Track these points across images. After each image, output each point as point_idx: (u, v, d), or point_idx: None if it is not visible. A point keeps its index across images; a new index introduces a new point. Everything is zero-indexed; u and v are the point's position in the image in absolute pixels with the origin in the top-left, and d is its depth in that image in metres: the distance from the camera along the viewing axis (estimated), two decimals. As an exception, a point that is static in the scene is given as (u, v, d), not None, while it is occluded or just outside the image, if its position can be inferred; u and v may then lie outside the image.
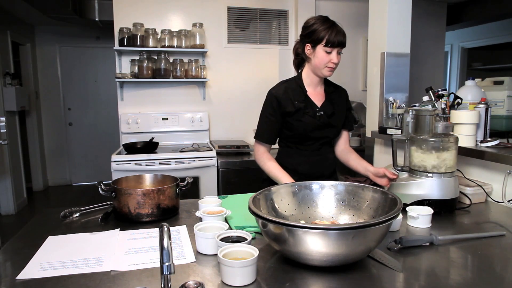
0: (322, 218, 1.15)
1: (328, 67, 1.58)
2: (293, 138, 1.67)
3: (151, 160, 2.89)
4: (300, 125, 1.63)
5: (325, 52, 1.55)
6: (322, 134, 1.67)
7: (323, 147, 1.71)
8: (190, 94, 3.63)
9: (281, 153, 1.75)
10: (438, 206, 1.34)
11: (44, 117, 5.50)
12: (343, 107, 1.74)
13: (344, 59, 3.93)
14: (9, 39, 4.50)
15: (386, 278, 0.89)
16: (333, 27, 1.54)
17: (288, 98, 1.63)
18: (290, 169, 1.68)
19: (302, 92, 1.65)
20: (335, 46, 1.54)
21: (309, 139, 1.66)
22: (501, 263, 0.99)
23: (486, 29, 4.96)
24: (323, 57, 1.56)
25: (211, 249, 1.01)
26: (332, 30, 1.54)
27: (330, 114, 1.67)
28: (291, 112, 1.62)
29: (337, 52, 1.56)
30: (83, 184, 5.77)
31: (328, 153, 1.74)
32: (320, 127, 1.65)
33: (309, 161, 1.68)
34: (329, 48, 1.54)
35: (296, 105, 1.62)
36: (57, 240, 1.12)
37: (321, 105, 1.66)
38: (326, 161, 1.72)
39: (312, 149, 1.68)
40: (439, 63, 3.85)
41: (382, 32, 2.35)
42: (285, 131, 1.67)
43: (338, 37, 1.54)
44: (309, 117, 1.63)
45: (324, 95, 1.69)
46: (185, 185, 1.42)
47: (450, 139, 1.36)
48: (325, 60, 1.57)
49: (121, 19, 3.38)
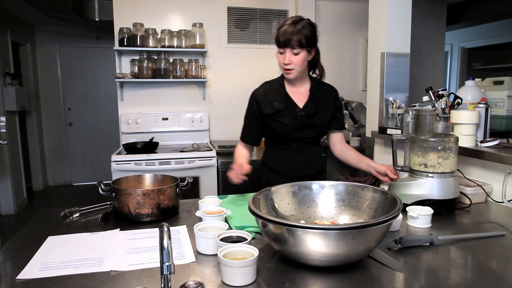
0: (322, 218, 1.15)
1: (284, 69, 1.55)
2: (275, 138, 1.66)
3: (151, 160, 2.89)
4: (279, 126, 1.61)
5: (279, 53, 1.53)
6: (304, 135, 1.64)
7: (306, 147, 1.67)
8: (190, 94, 3.63)
9: (265, 153, 1.75)
10: (438, 206, 1.34)
11: (44, 117, 5.50)
12: (329, 106, 1.69)
13: (344, 59, 3.97)
14: (9, 39, 4.50)
15: (386, 278, 0.89)
16: (285, 26, 1.49)
17: (267, 100, 1.61)
18: (273, 168, 1.68)
19: (282, 92, 1.63)
20: (281, 46, 1.50)
21: (291, 140, 1.64)
22: (501, 263, 0.99)
23: (486, 29, 4.96)
24: (278, 58, 1.55)
25: (211, 249, 1.01)
26: (282, 29, 1.49)
27: (311, 114, 1.63)
28: (269, 114, 1.60)
29: (290, 52, 1.50)
30: (83, 184, 5.77)
31: (313, 152, 1.70)
32: (301, 128, 1.62)
33: (292, 161, 1.66)
34: (280, 48, 1.51)
35: (275, 106, 1.60)
36: (57, 240, 1.12)
37: (303, 105, 1.63)
38: (310, 161, 1.69)
39: (295, 149, 1.66)
40: (439, 63, 3.84)
41: (382, 32, 2.35)
42: (267, 132, 1.67)
43: (284, 36, 1.48)
44: (289, 118, 1.60)
45: (308, 95, 1.65)
46: (185, 185, 1.42)
47: (450, 139, 1.36)
48: (279, 61, 1.55)
49: (121, 19, 3.38)
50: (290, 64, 1.52)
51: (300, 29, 1.48)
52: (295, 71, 1.54)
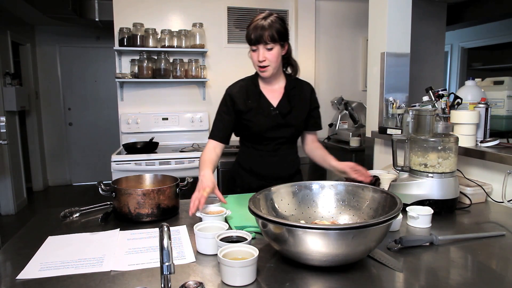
0: (322, 218, 1.15)
1: (258, 66, 1.50)
2: (249, 138, 1.63)
3: (151, 160, 2.88)
4: (253, 125, 1.57)
5: (252, 50, 1.48)
6: (278, 134, 1.59)
7: (281, 148, 1.62)
8: (190, 94, 3.63)
9: (240, 153, 1.71)
10: (438, 206, 1.34)
11: (44, 117, 5.50)
12: (304, 104, 1.63)
13: (344, 59, 3.98)
14: (9, 39, 4.50)
15: (386, 278, 0.89)
16: (255, 22, 1.44)
17: (242, 97, 1.57)
18: (246, 169, 1.65)
19: (256, 90, 1.58)
20: (253, 43, 1.45)
21: (265, 139, 1.60)
22: (501, 263, 0.99)
23: (486, 29, 4.96)
24: (251, 56, 1.50)
25: (211, 249, 1.01)
26: (252, 26, 1.44)
27: (286, 112, 1.58)
28: (243, 111, 1.56)
29: (263, 49, 1.46)
30: (83, 184, 5.77)
31: (287, 154, 1.65)
32: (275, 127, 1.58)
33: (266, 161, 1.62)
34: (252, 46, 1.47)
35: (248, 104, 1.56)
36: (57, 240, 1.12)
37: (277, 104, 1.58)
38: (284, 163, 1.64)
39: (269, 149, 1.61)
40: (439, 63, 3.84)
41: (382, 32, 2.35)
42: (241, 131, 1.63)
43: (254, 33, 1.43)
44: (262, 117, 1.56)
45: (283, 92, 1.60)
46: (185, 185, 1.42)
47: (450, 139, 1.36)
48: (252, 60, 1.50)
49: (121, 19, 3.38)
50: (265, 60, 1.47)
51: (271, 24, 1.43)
52: (270, 68, 1.49)
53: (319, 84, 3.89)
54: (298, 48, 3.73)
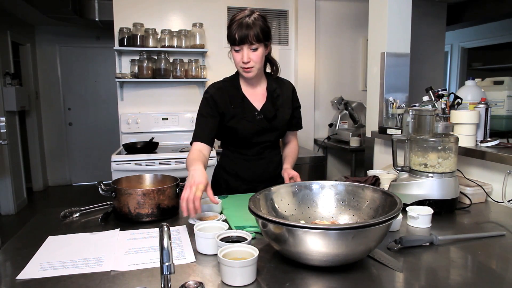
0: (322, 218, 1.15)
1: (242, 68, 1.43)
2: (233, 142, 1.57)
3: (151, 160, 2.89)
4: (237, 131, 1.51)
5: (234, 51, 1.41)
6: (263, 139, 1.55)
7: (266, 151, 1.59)
8: (190, 94, 3.63)
9: (222, 157, 1.65)
10: (438, 206, 1.34)
11: (44, 117, 5.50)
12: (287, 106, 1.58)
13: (344, 59, 3.98)
14: (9, 39, 4.50)
15: (386, 278, 0.89)
16: (237, 21, 1.36)
17: (224, 101, 1.49)
18: (231, 173, 1.60)
19: (238, 94, 1.51)
20: (238, 43, 1.37)
21: (249, 144, 1.55)
22: (501, 263, 0.99)
23: (486, 29, 4.97)
24: (234, 57, 1.42)
25: (211, 249, 1.01)
26: (234, 26, 1.36)
27: (271, 117, 1.52)
28: (226, 117, 1.49)
29: (248, 49, 1.38)
30: (83, 184, 5.77)
31: (272, 156, 1.62)
32: (260, 132, 1.53)
33: (251, 165, 1.58)
34: (236, 46, 1.39)
35: (232, 109, 1.49)
36: (57, 240, 1.12)
37: (261, 108, 1.52)
38: (270, 165, 1.61)
39: (254, 153, 1.57)
40: (439, 63, 3.85)
41: (382, 32, 2.35)
42: (224, 136, 1.57)
43: (239, 32, 1.35)
44: (247, 122, 1.50)
45: (266, 95, 1.54)
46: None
47: (450, 139, 1.36)
48: (236, 61, 1.42)
49: (121, 19, 3.38)
50: (250, 62, 1.40)
51: (255, 22, 1.36)
52: (255, 69, 1.43)
53: (319, 84, 3.89)
54: (298, 48, 3.73)
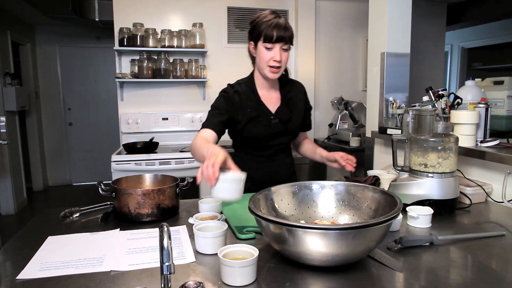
0: (322, 218, 1.15)
1: (270, 67, 1.42)
2: (246, 145, 1.58)
3: (151, 160, 2.89)
4: (252, 134, 1.51)
5: (265, 48, 1.40)
6: (277, 142, 1.56)
7: (279, 153, 1.60)
8: (190, 94, 3.63)
9: (235, 159, 1.61)
10: (438, 206, 1.34)
11: (44, 117, 5.50)
12: (301, 107, 1.60)
13: (344, 59, 3.98)
14: (9, 39, 4.50)
15: (386, 278, 0.89)
16: (272, 20, 1.38)
17: (241, 104, 1.49)
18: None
19: (254, 97, 1.51)
20: (273, 41, 1.38)
21: (264, 147, 1.56)
22: (501, 263, 0.99)
23: (486, 29, 4.97)
24: (264, 55, 1.41)
25: (211, 249, 1.01)
26: (271, 23, 1.37)
27: (286, 120, 1.53)
28: (242, 121, 1.49)
29: (280, 48, 1.40)
30: (83, 184, 5.77)
31: (285, 158, 1.63)
32: (274, 136, 1.53)
33: (264, 167, 1.58)
34: (269, 44, 1.38)
35: (248, 113, 1.48)
36: (57, 240, 1.12)
37: (276, 111, 1.53)
38: (283, 167, 1.62)
39: (267, 155, 1.58)
40: (439, 63, 3.85)
41: (382, 32, 2.35)
42: (238, 138, 1.58)
43: (277, 31, 1.37)
44: (262, 126, 1.50)
45: (280, 98, 1.55)
46: (185, 185, 1.41)
47: (450, 139, 1.36)
48: (265, 58, 1.40)
49: (121, 19, 3.38)
50: (281, 61, 1.41)
51: (288, 26, 1.41)
52: (281, 70, 1.44)
53: (319, 84, 3.89)
54: (298, 48, 3.73)
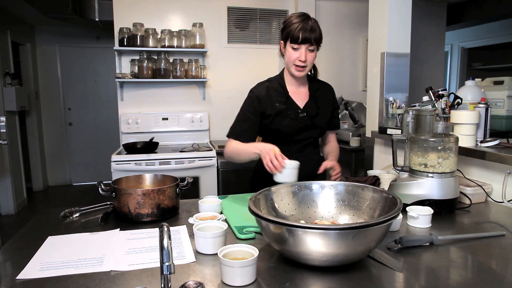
0: (322, 218, 1.15)
1: (296, 66, 1.51)
2: (275, 140, 1.59)
3: (151, 160, 2.89)
4: (281, 128, 1.58)
5: (292, 48, 1.50)
6: (305, 136, 1.62)
7: (306, 149, 1.66)
8: (190, 94, 3.63)
9: None
10: (438, 206, 1.34)
11: (44, 117, 5.50)
12: (328, 105, 1.68)
13: (344, 59, 3.97)
14: (9, 39, 4.50)
15: (386, 278, 0.89)
16: (301, 22, 1.47)
17: (269, 100, 1.57)
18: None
19: (283, 92, 1.59)
20: (299, 42, 1.47)
21: (291, 141, 1.61)
22: (501, 263, 0.99)
23: (486, 29, 4.97)
24: (290, 54, 1.51)
25: (211, 249, 1.01)
26: (298, 25, 1.46)
27: (313, 115, 1.61)
28: (271, 115, 1.56)
29: (306, 49, 1.49)
30: (83, 184, 5.77)
31: (312, 154, 1.68)
32: (303, 129, 1.60)
33: None
34: (295, 44, 1.48)
35: (276, 107, 1.56)
36: (57, 240, 1.12)
37: (304, 106, 1.60)
38: (309, 163, 1.63)
39: (295, 150, 1.62)
40: (439, 63, 3.84)
41: (382, 32, 2.35)
42: (266, 133, 1.63)
43: (303, 32, 1.46)
44: (291, 119, 1.57)
45: (308, 94, 1.63)
46: (185, 185, 1.41)
47: (450, 139, 1.36)
48: (291, 58, 1.51)
49: (121, 19, 3.38)
50: (306, 61, 1.50)
51: (316, 27, 1.50)
52: (307, 69, 1.53)
53: (319, 84, 3.89)
54: (298, 48, 3.73)
